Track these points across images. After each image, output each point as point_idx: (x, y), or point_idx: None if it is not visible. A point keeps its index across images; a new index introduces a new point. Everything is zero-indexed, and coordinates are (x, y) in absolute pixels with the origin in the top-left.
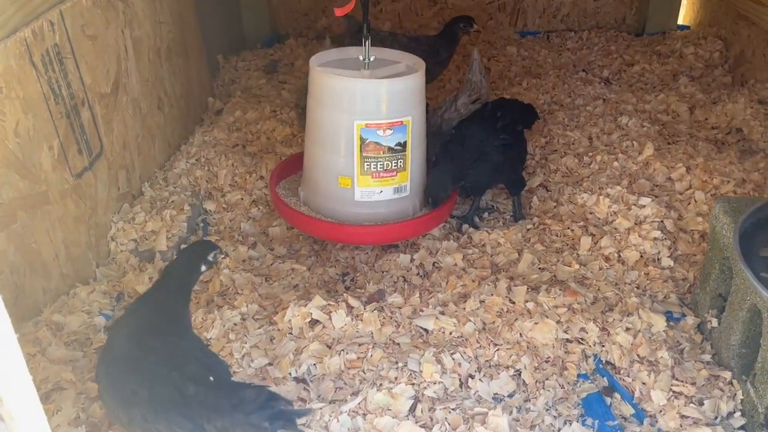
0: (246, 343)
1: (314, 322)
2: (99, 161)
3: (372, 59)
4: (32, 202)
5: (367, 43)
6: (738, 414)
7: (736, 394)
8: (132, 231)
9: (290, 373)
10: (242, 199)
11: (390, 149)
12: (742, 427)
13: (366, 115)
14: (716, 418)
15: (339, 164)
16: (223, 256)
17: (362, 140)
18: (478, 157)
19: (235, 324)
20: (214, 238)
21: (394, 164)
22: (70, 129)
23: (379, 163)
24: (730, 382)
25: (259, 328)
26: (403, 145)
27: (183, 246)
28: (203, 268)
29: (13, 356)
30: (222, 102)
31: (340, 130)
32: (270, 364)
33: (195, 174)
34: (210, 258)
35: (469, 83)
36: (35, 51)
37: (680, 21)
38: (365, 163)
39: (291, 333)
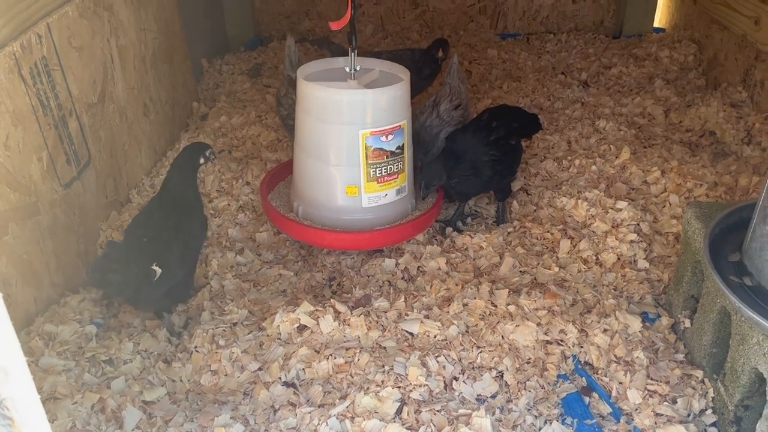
0: (236, 348)
1: (302, 328)
2: (87, 170)
3: (357, 69)
4: (23, 213)
5: (353, 54)
6: (709, 411)
7: (707, 393)
8: (121, 238)
9: (280, 378)
10: (229, 204)
11: (392, 153)
12: (713, 424)
13: (370, 123)
14: (689, 415)
15: (345, 175)
16: (216, 153)
17: (367, 148)
18: (470, 170)
19: (224, 330)
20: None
21: (395, 167)
22: (59, 140)
23: (383, 168)
24: (702, 381)
25: (249, 333)
26: (402, 148)
27: None
28: (201, 161)
29: (17, 362)
30: (207, 107)
31: (346, 142)
32: (260, 369)
33: None
34: (207, 153)
35: (448, 87)
36: (24, 64)
37: (656, 24)
38: (371, 170)
39: (280, 338)
